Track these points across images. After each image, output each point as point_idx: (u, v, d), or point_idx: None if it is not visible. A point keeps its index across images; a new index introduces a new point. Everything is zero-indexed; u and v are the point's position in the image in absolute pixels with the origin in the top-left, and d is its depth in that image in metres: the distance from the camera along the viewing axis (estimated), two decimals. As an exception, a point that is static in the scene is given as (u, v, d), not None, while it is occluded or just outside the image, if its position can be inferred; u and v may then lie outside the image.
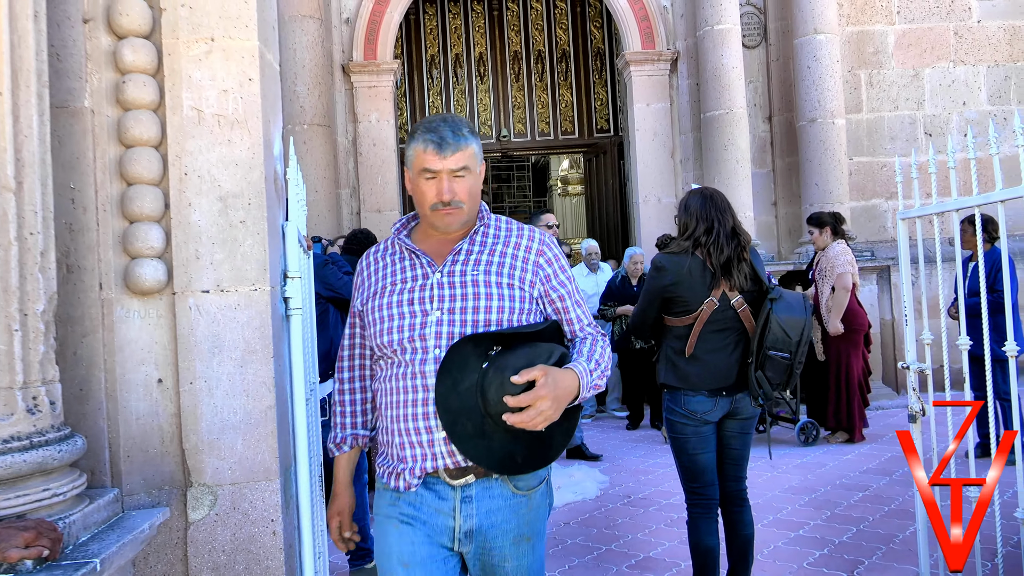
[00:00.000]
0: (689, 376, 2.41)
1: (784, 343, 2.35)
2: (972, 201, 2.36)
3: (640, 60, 6.53)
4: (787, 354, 2.35)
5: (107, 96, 1.63)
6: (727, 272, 2.40)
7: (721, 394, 2.40)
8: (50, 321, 1.41)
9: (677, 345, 2.44)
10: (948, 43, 6.74)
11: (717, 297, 2.39)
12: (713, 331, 2.40)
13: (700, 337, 2.39)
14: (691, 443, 2.44)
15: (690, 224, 2.46)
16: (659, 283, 2.46)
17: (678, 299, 2.43)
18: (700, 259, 2.42)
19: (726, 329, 2.41)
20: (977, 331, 2.55)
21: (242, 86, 1.69)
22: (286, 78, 5.66)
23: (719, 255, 2.39)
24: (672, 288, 2.42)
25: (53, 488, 1.34)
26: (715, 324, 2.40)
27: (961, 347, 2.44)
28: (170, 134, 1.65)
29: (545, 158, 13.74)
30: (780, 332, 2.34)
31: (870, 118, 6.69)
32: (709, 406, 2.40)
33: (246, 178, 1.69)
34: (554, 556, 3.27)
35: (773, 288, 2.44)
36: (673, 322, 2.47)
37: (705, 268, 2.41)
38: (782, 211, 6.65)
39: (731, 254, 2.40)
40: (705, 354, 2.40)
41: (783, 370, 2.37)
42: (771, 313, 2.34)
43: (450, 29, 7.72)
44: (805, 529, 3.46)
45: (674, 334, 2.46)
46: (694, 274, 2.40)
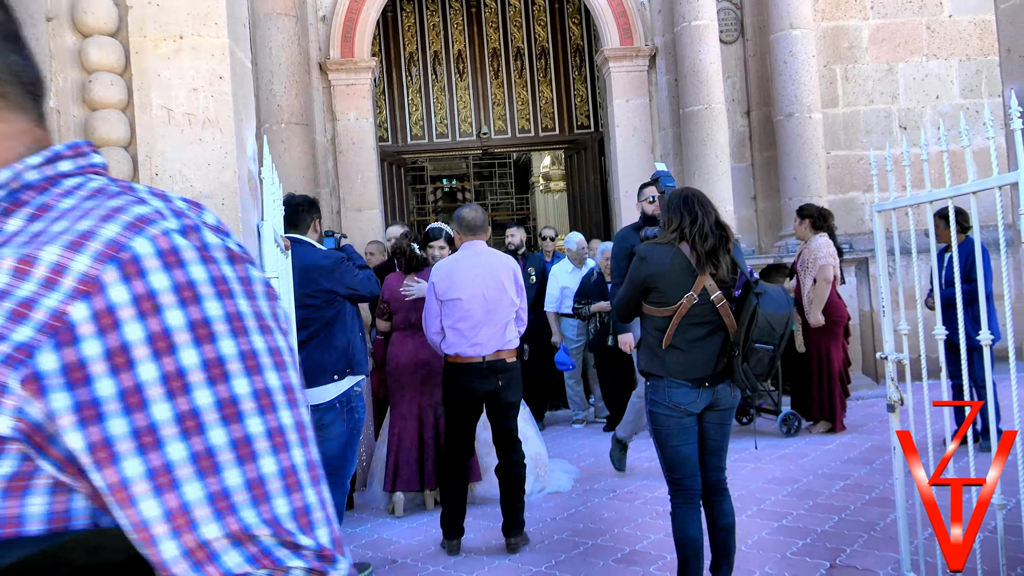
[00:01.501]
0: (669, 364, 2.47)
1: (769, 335, 2.42)
2: (945, 193, 2.40)
3: (619, 56, 6.54)
4: (771, 346, 2.43)
5: (73, 96, 1.59)
6: (713, 260, 2.45)
7: (704, 385, 2.47)
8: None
9: (657, 335, 2.50)
10: (921, 37, 6.84)
11: (697, 292, 2.45)
12: (692, 324, 2.47)
13: (679, 329, 2.46)
14: (673, 435, 2.49)
15: (674, 218, 2.52)
16: (642, 273, 2.51)
17: (658, 290, 2.48)
18: (683, 253, 2.47)
19: (705, 323, 2.47)
20: (953, 321, 2.59)
21: (212, 84, 1.66)
22: (262, 76, 5.59)
23: (703, 244, 2.45)
24: (652, 279, 2.48)
25: None
26: (694, 318, 2.46)
27: (937, 337, 2.47)
28: (139, 134, 1.62)
29: (526, 155, 13.74)
30: (766, 325, 2.41)
31: (846, 112, 6.77)
32: (693, 397, 2.46)
33: (219, 178, 1.66)
34: (540, 551, 3.28)
35: (757, 283, 2.50)
36: (652, 312, 2.52)
37: (687, 263, 2.46)
38: (761, 205, 6.71)
39: (716, 243, 2.47)
40: (684, 344, 2.47)
41: (767, 362, 2.45)
42: (758, 307, 2.41)
43: (428, 26, 7.68)
44: (788, 519, 3.49)
45: (654, 324, 2.52)
46: (675, 267, 2.46)
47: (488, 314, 3.24)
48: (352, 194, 6.32)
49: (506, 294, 3.29)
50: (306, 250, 3.04)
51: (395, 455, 3.86)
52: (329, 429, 2.96)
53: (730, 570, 2.58)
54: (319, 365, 2.92)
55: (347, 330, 3.06)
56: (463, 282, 3.24)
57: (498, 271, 3.31)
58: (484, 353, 3.24)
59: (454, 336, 3.25)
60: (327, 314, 2.99)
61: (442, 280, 3.28)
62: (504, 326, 3.29)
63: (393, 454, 3.87)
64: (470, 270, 3.27)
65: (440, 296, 3.27)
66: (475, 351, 3.24)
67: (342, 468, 3.02)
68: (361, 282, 3.09)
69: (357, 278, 3.08)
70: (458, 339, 3.25)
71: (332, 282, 3.00)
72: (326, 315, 2.99)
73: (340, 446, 3.00)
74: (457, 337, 3.25)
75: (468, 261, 3.30)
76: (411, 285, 3.86)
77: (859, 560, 2.95)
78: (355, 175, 6.31)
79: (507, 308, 3.29)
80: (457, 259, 3.35)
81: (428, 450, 3.88)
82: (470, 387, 3.25)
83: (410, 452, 3.85)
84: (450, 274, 3.28)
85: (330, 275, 2.99)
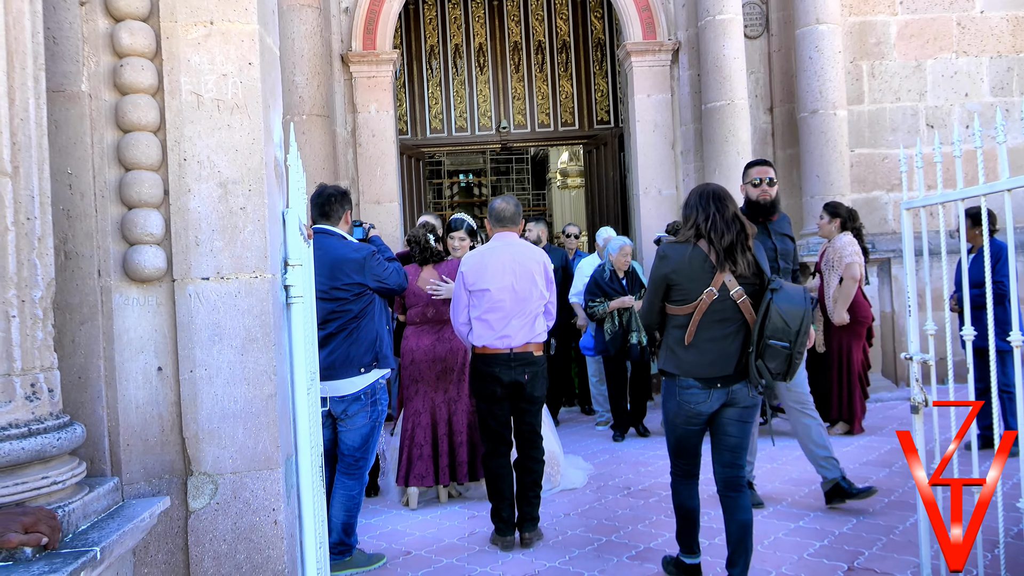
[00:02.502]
0: (687, 364, 2.48)
1: (784, 332, 2.39)
2: (977, 191, 2.34)
3: (641, 51, 6.48)
4: (786, 343, 2.40)
5: (104, 80, 1.60)
6: (731, 257, 2.45)
7: (716, 385, 2.48)
8: (48, 308, 1.39)
9: (678, 334, 2.51)
10: (951, 34, 6.70)
11: (717, 287, 2.45)
12: (713, 321, 2.46)
13: (700, 326, 2.46)
14: (681, 428, 2.60)
15: (691, 215, 2.54)
16: (662, 271, 2.54)
17: (679, 287, 2.50)
18: (702, 250, 2.48)
19: (726, 320, 2.47)
20: (980, 323, 2.54)
21: (241, 71, 1.66)
22: (284, 68, 5.61)
23: (720, 240, 2.45)
24: (673, 276, 2.50)
25: (52, 476, 1.32)
26: (715, 314, 2.46)
27: (965, 337, 2.42)
28: (169, 119, 1.63)
29: (544, 151, 13.69)
30: (780, 321, 2.39)
31: (872, 109, 6.66)
32: (703, 398, 2.48)
33: (246, 164, 1.67)
34: (554, 547, 3.27)
35: (773, 279, 2.49)
36: (674, 311, 2.53)
37: (706, 259, 2.47)
38: (783, 203, 6.61)
39: (733, 239, 2.45)
40: (704, 343, 2.47)
41: (783, 359, 2.42)
42: (771, 303, 2.41)
43: (450, 19, 7.66)
44: (805, 520, 3.46)
45: (675, 323, 2.53)
46: (694, 264, 2.47)
47: (517, 306, 3.21)
48: (372, 187, 6.34)
49: (536, 287, 3.26)
50: (337, 242, 3.03)
51: (408, 450, 3.85)
52: (353, 420, 2.98)
53: (747, 566, 2.58)
54: (347, 357, 2.94)
55: (376, 323, 3.06)
56: (493, 273, 3.22)
57: (529, 263, 3.28)
58: (512, 345, 3.22)
59: (482, 327, 3.22)
60: (356, 307, 2.99)
61: (472, 270, 3.25)
62: (533, 319, 3.26)
63: (406, 448, 3.86)
64: (500, 261, 3.24)
65: (469, 286, 3.23)
66: (503, 343, 3.21)
67: (362, 459, 3.04)
68: (391, 275, 3.09)
69: (387, 271, 3.08)
70: (486, 330, 3.22)
71: (363, 275, 3.00)
72: (355, 308, 2.99)
73: (362, 437, 3.02)
74: (485, 328, 3.22)
75: (499, 252, 3.27)
76: (439, 286, 3.82)
77: (878, 563, 2.91)
78: (375, 168, 6.32)
79: (537, 301, 3.27)
80: (488, 250, 3.32)
81: (442, 445, 3.87)
82: (496, 376, 3.22)
83: (423, 447, 3.83)
84: (480, 264, 3.25)
85: (360, 268, 2.99)
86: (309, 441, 1.82)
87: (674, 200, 6.56)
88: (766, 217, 3.53)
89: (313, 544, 1.75)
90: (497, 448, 3.32)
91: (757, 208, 3.51)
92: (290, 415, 1.78)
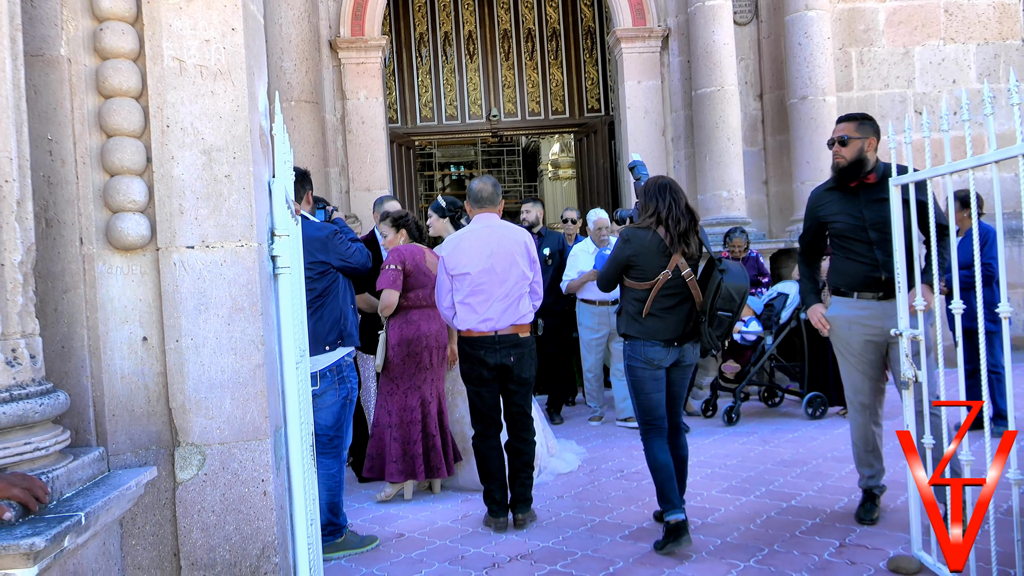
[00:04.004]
0: (650, 329, 2.97)
1: (729, 304, 2.94)
2: (966, 163, 2.35)
3: (631, 37, 6.47)
4: (730, 313, 2.95)
5: (84, 44, 1.57)
6: (685, 240, 2.95)
7: (673, 345, 2.99)
8: (28, 273, 1.37)
9: (638, 305, 2.99)
10: (938, 21, 6.73)
11: (671, 269, 2.94)
12: (665, 295, 2.96)
13: (655, 300, 2.96)
14: (647, 384, 3.00)
15: (650, 205, 2.99)
16: (625, 252, 2.99)
17: (638, 267, 2.97)
18: (659, 236, 2.95)
19: (676, 294, 2.97)
20: (968, 304, 2.54)
21: (225, 36, 1.63)
22: (272, 53, 5.55)
23: (676, 227, 2.93)
24: (634, 257, 2.97)
25: (35, 442, 1.30)
26: (668, 290, 2.96)
27: (954, 311, 2.43)
28: (151, 85, 1.60)
29: (535, 143, 13.67)
30: (728, 296, 2.92)
31: (861, 96, 6.68)
32: (663, 354, 2.98)
33: (230, 131, 1.64)
34: (548, 528, 3.27)
35: (720, 260, 2.98)
36: (633, 285, 3.01)
37: (662, 243, 2.94)
38: (773, 189, 6.65)
39: (687, 226, 2.96)
40: (659, 312, 2.97)
41: (727, 325, 2.98)
42: (721, 281, 2.91)
43: (439, 6, 7.61)
44: (797, 500, 3.47)
45: (634, 296, 3.01)
46: (652, 248, 2.95)
47: (499, 288, 3.19)
48: (362, 174, 6.29)
49: (517, 267, 3.23)
50: (301, 221, 3.02)
51: (422, 440, 3.65)
52: (322, 398, 2.97)
53: (683, 490, 3.13)
54: (312, 335, 2.91)
55: (340, 302, 3.05)
56: (471, 256, 3.19)
57: (509, 244, 3.24)
58: (497, 328, 3.20)
59: (465, 311, 3.21)
60: (320, 285, 2.99)
61: (451, 254, 3.23)
62: (517, 300, 3.24)
63: (418, 439, 3.64)
64: (478, 243, 3.21)
65: (450, 271, 3.22)
66: (487, 326, 3.20)
67: (336, 438, 3.03)
68: (354, 254, 3.07)
69: (350, 250, 3.06)
70: (469, 314, 3.21)
71: (326, 254, 2.98)
72: (319, 287, 2.98)
73: (333, 415, 3.01)
74: (468, 312, 3.21)
75: (477, 234, 3.24)
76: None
77: (869, 540, 2.93)
78: (365, 155, 6.28)
79: (520, 282, 3.23)
80: (467, 232, 3.28)
81: (442, 436, 3.74)
82: (481, 359, 3.22)
83: (435, 437, 3.66)
84: (459, 248, 3.23)
85: (324, 247, 2.98)
86: (299, 413, 1.81)
87: (665, 187, 6.55)
88: (858, 180, 2.99)
89: (303, 515, 1.74)
90: (487, 430, 3.31)
91: (840, 174, 3.02)
92: (279, 386, 1.76)
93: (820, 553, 2.82)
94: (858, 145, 3.00)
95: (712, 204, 6.14)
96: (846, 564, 2.72)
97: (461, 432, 3.87)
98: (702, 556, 2.85)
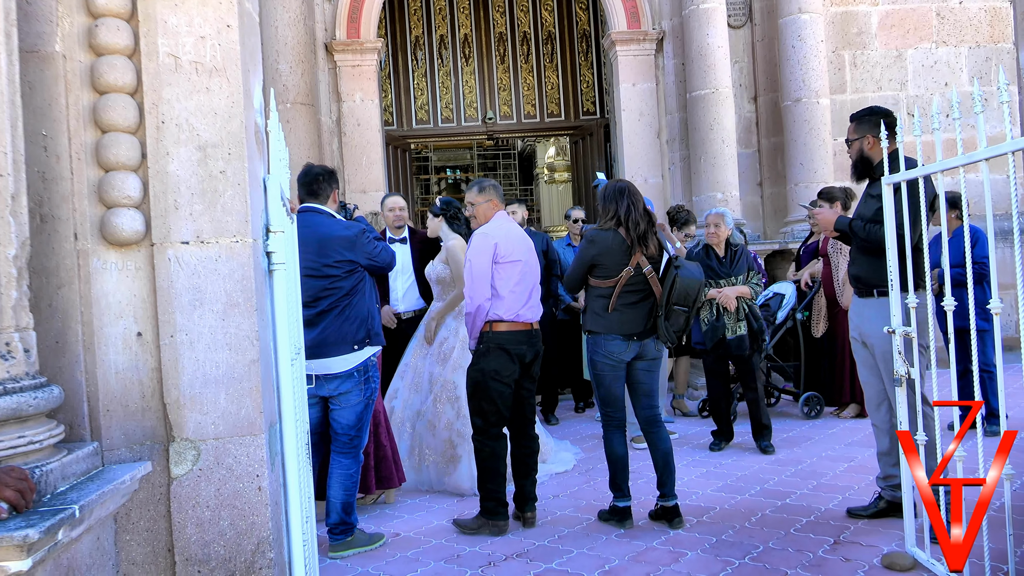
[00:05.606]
0: (611, 324, 3.14)
1: (685, 299, 3.09)
2: (957, 161, 2.37)
3: (626, 40, 6.50)
4: (686, 308, 3.11)
5: (79, 41, 1.58)
6: (644, 241, 3.13)
7: (632, 339, 3.15)
8: (23, 267, 1.37)
9: (603, 302, 3.16)
10: (931, 24, 6.78)
11: (633, 266, 3.12)
12: (628, 291, 3.14)
13: (619, 296, 3.12)
14: (608, 377, 3.17)
15: (610, 208, 3.17)
16: (591, 252, 3.16)
17: (603, 266, 3.15)
18: (621, 236, 3.13)
19: (637, 291, 3.15)
20: (960, 303, 2.56)
21: (220, 33, 1.64)
22: (268, 56, 5.57)
23: (636, 229, 3.12)
24: (599, 257, 3.15)
25: (29, 436, 1.30)
26: (630, 287, 3.14)
27: (946, 307, 2.45)
28: (146, 81, 1.61)
29: (531, 146, 13.69)
30: (683, 291, 3.08)
31: (854, 98, 6.72)
32: (623, 348, 3.14)
33: (225, 128, 1.65)
34: (543, 526, 3.28)
35: (676, 258, 3.16)
36: (597, 283, 3.18)
37: (624, 244, 3.12)
38: (768, 191, 6.68)
39: (646, 228, 3.15)
40: (622, 308, 3.14)
41: (683, 320, 3.13)
42: (676, 277, 3.08)
43: (434, 9, 7.64)
44: (792, 498, 3.48)
45: (598, 293, 3.18)
46: (615, 248, 3.13)
47: (533, 279, 3.31)
48: (357, 176, 6.30)
49: (538, 263, 3.40)
50: (327, 220, 3.02)
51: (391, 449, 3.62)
52: (347, 398, 2.97)
53: (673, 485, 3.20)
54: (340, 335, 2.92)
55: (367, 300, 3.05)
56: (518, 246, 3.27)
57: (529, 241, 3.39)
58: (534, 319, 3.27)
59: (512, 298, 3.18)
60: (347, 284, 2.98)
61: (503, 242, 3.19)
62: (539, 295, 3.36)
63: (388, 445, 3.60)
64: (520, 235, 3.33)
65: (501, 258, 3.17)
66: (532, 314, 3.26)
67: (356, 438, 3.02)
68: (380, 253, 3.08)
69: (377, 249, 3.07)
70: (515, 301, 3.18)
71: (354, 252, 2.99)
72: (346, 285, 2.97)
73: (356, 415, 3.01)
74: (515, 299, 3.19)
75: (515, 227, 3.35)
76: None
77: (863, 537, 2.94)
78: (360, 157, 6.29)
79: (538, 277, 3.38)
80: (508, 223, 3.35)
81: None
82: (521, 355, 3.20)
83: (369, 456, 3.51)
84: (508, 236, 3.25)
85: (352, 245, 2.98)
86: (294, 410, 1.81)
87: (660, 189, 6.58)
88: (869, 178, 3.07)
89: (299, 511, 1.74)
90: (501, 430, 3.27)
91: (853, 174, 3.14)
92: (274, 382, 1.76)
93: (814, 550, 2.83)
94: (857, 146, 3.14)
95: (707, 206, 6.16)
96: (840, 561, 2.73)
97: (454, 436, 3.85)
98: (697, 553, 2.86)
